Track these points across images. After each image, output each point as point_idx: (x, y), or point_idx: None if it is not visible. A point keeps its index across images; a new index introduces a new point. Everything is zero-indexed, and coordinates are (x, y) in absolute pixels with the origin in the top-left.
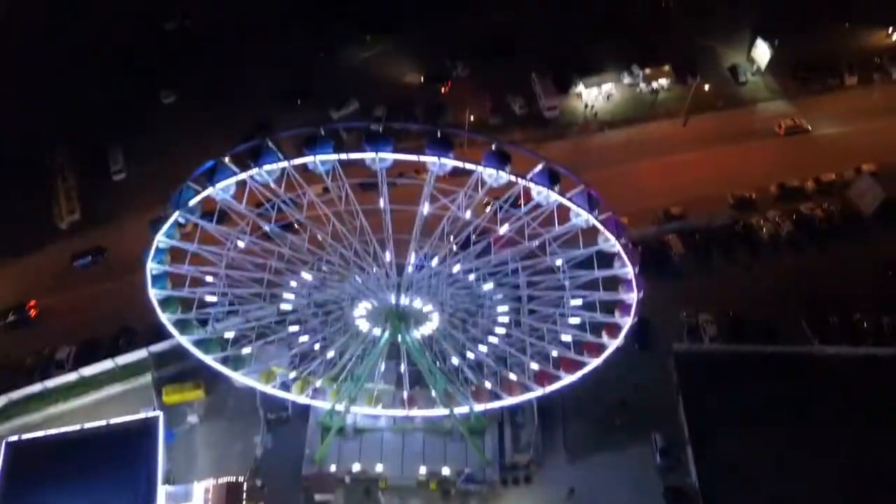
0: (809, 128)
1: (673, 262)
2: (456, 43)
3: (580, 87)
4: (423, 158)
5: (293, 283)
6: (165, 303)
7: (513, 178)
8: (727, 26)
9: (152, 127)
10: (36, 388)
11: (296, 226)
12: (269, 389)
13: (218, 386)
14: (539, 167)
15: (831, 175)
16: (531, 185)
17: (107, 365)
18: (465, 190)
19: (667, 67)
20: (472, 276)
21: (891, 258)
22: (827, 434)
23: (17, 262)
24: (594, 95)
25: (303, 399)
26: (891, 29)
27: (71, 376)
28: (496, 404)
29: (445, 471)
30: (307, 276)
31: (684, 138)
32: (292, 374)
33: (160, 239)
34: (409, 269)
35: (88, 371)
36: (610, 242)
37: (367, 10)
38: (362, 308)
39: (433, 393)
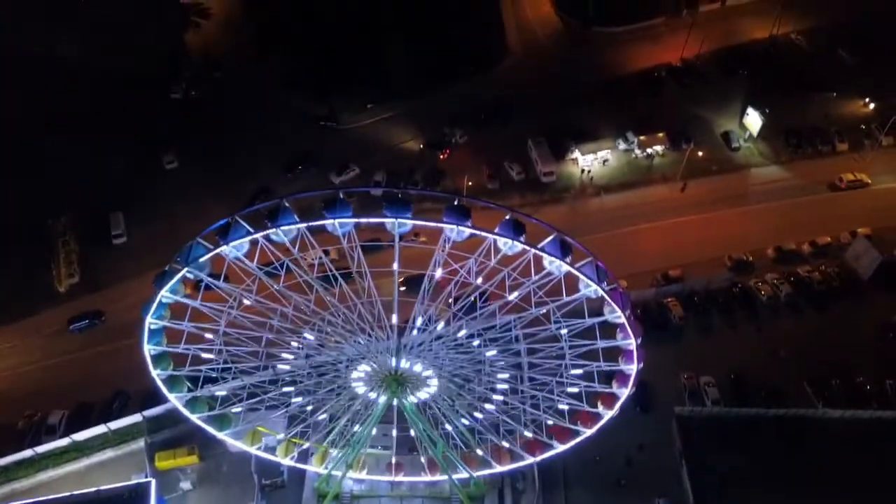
0: (869, 181)
1: (673, 325)
2: (454, 111)
3: (576, 153)
4: (442, 225)
5: (293, 344)
6: (158, 358)
7: (527, 247)
8: (719, 95)
9: (154, 192)
10: (27, 453)
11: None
12: (256, 451)
13: (212, 451)
14: (551, 238)
15: (827, 238)
16: (543, 254)
17: (100, 430)
18: (475, 256)
19: (661, 134)
20: (475, 342)
21: (889, 321)
22: (831, 498)
23: (13, 326)
24: (590, 161)
25: (287, 461)
26: (868, 98)
27: (63, 441)
28: (490, 471)
29: None
30: (310, 336)
31: (681, 202)
32: (279, 436)
33: (164, 294)
34: (414, 332)
35: (81, 436)
36: (616, 314)
37: (368, 78)
38: (360, 371)
39: (422, 458)
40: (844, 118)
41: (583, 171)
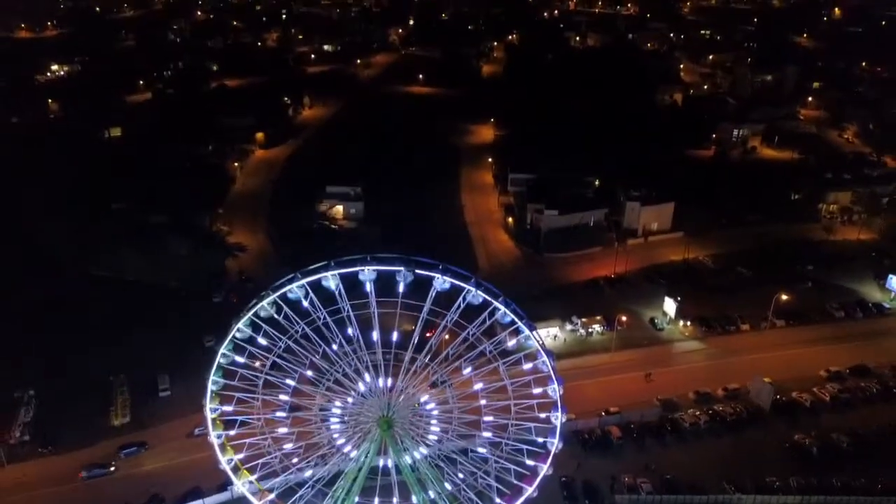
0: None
1: (613, 445)
2: None
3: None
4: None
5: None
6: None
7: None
8: (644, 295)
9: (196, 362)
10: None
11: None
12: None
13: None
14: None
15: (736, 384)
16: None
17: None
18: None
19: (599, 317)
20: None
21: (788, 439)
22: None
23: (80, 451)
24: (543, 336)
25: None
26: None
27: None
28: None
29: None
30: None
31: (617, 365)
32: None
33: (240, 327)
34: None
35: None
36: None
37: None
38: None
39: None
40: (748, 308)
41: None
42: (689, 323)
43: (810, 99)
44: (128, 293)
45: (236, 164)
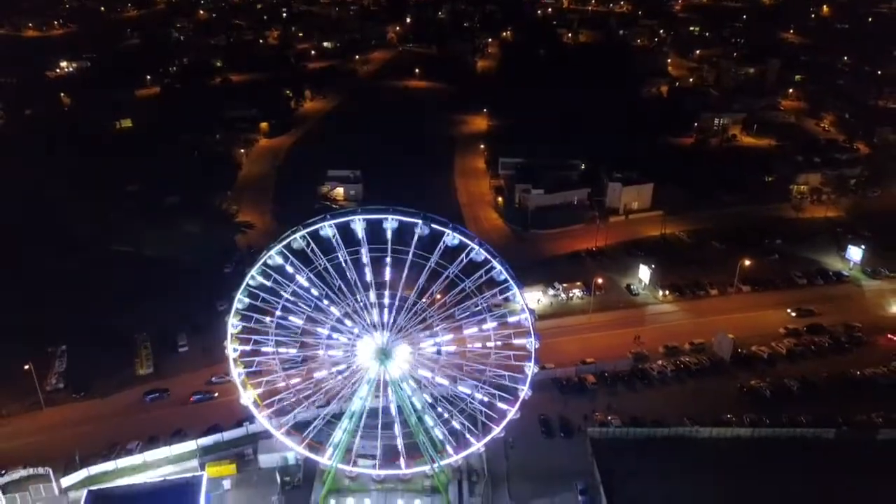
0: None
1: (588, 389)
2: None
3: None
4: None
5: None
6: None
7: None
8: (622, 266)
9: (209, 323)
10: (109, 465)
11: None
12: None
13: (246, 466)
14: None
15: (701, 340)
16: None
17: (164, 452)
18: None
19: (579, 283)
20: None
21: (745, 384)
22: (699, 484)
23: (111, 397)
24: (529, 300)
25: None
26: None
27: (137, 459)
28: (451, 459)
29: None
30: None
31: (593, 326)
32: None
33: (272, 254)
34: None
35: (150, 455)
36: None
37: None
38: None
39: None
40: (718, 277)
41: None
42: (662, 289)
43: (791, 91)
44: (147, 266)
45: (242, 150)
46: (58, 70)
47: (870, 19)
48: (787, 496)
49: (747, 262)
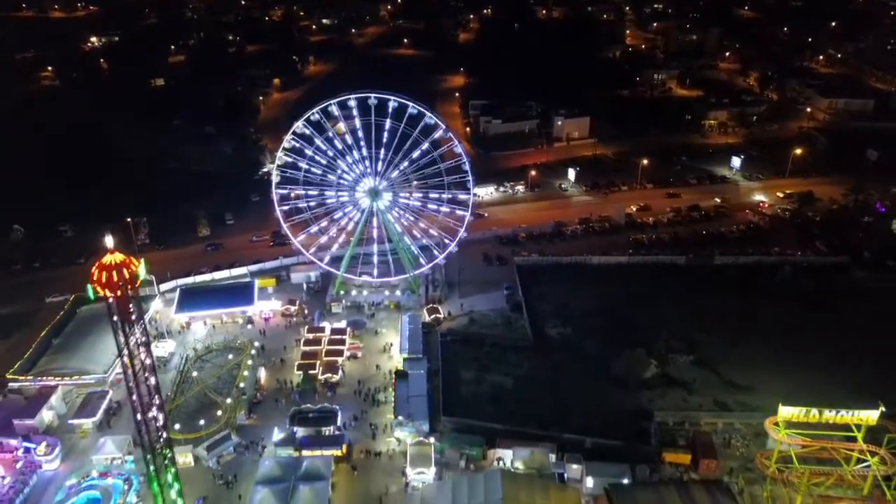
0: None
1: (519, 242)
2: None
3: (477, 190)
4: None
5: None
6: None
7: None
8: (559, 173)
9: (244, 206)
10: (189, 280)
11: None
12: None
13: (283, 281)
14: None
15: (607, 213)
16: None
17: (224, 273)
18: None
19: (522, 182)
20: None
21: (635, 238)
22: (593, 298)
23: (180, 249)
24: (483, 193)
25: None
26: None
27: (207, 276)
28: (425, 269)
29: (399, 299)
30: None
31: (531, 209)
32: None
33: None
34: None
35: (217, 276)
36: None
37: None
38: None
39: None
40: (629, 179)
41: (479, 197)
42: (585, 186)
43: (728, 54)
44: (196, 177)
45: (261, 98)
46: (88, 45)
47: None
48: (644, 297)
49: (644, 162)
